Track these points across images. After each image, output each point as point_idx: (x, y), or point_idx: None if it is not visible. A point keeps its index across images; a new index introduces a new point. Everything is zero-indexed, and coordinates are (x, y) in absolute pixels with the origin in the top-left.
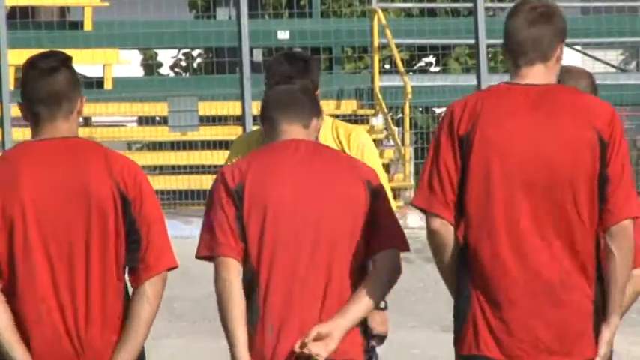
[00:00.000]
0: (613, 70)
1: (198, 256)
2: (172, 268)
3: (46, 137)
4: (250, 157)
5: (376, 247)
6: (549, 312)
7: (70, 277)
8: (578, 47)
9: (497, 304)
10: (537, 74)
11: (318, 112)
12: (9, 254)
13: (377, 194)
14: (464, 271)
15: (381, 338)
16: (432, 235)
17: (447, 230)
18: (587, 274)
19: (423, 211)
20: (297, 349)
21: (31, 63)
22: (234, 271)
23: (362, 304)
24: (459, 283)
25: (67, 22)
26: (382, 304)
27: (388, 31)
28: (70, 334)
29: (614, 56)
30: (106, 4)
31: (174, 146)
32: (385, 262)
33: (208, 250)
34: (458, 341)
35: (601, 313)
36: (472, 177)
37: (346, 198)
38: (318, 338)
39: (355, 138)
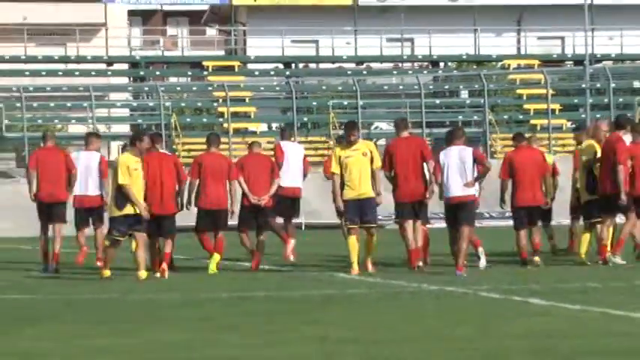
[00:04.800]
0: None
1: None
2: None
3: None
4: (243, 157)
5: (275, 176)
6: (414, 187)
7: (156, 181)
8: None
9: (400, 191)
10: (405, 134)
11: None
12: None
13: (274, 165)
14: (394, 185)
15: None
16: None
17: (389, 174)
18: (424, 176)
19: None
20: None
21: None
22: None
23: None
24: (393, 189)
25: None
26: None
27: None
28: (158, 196)
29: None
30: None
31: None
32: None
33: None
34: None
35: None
36: (394, 161)
37: (266, 163)
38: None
39: (371, 145)
